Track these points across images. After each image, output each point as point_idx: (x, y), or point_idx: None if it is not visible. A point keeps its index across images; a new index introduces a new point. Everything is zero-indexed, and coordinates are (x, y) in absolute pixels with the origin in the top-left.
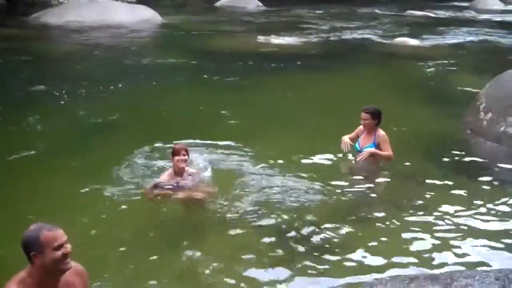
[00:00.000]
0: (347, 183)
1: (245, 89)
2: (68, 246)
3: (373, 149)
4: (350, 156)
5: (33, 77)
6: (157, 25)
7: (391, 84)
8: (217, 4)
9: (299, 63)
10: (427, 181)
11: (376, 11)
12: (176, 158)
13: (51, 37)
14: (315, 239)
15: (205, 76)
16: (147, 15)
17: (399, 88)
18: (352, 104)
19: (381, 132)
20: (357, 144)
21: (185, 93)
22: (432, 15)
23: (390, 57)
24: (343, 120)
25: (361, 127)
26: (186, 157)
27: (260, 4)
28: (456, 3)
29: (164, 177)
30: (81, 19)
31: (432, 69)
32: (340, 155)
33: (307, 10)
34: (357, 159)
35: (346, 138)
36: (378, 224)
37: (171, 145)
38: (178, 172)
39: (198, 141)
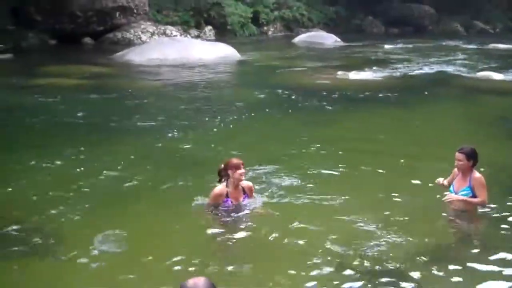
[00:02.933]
0: (436, 224)
1: (323, 124)
2: None
3: (460, 197)
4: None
5: (122, 112)
6: (236, 62)
7: (475, 119)
8: (295, 40)
9: (379, 98)
10: None
11: (458, 44)
12: (239, 172)
13: (136, 74)
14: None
15: (284, 111)
16: (226, 52)
17: (483, 124)
18: (436, 140)
19: (476, 174)
20: (451, 187)
21: (264, 128)
22: None
23: (473, 91)
24: (428, 157)
25: (455, 169)
26: (244, 170)
27: (338, 39)
28: None
29: (214, 195)
30: (163, 57)
31: None
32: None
33: (386, 44)
34: (444, 200)
35: (439, 179)
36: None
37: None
38: (234, 187)
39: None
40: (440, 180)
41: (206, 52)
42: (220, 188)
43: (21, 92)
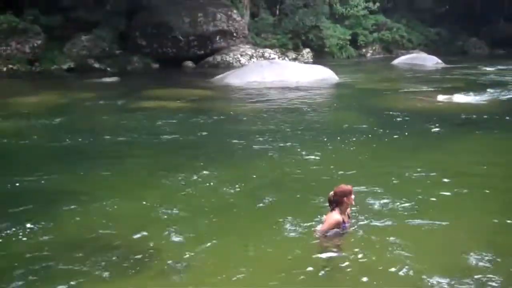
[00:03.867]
0: None
1: (427, 149)
2: None
3: None
4: None
5: (224, 134)
6: (334, 84)
7: None
8: (394, 62)
9: (483, 122)
10: None
11: None
12: (352, 197)
13: (236, 97)
14: None
15: (387, 135)
16: (324, 75)
17: None
18: None
19: None
20: None
21: (367, 152)
22: None
23: None
24: None
25: None
26: None
27: (439, 61)
28: None
29: (334, 223)
30: (262, 80)
31: None
32: None
33: (490, 66)
34: None
35: None
36: None
37: None
38: (345, 211)
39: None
40: None
41: (304, 74)
42: (337, 216)
43: (123, 114)
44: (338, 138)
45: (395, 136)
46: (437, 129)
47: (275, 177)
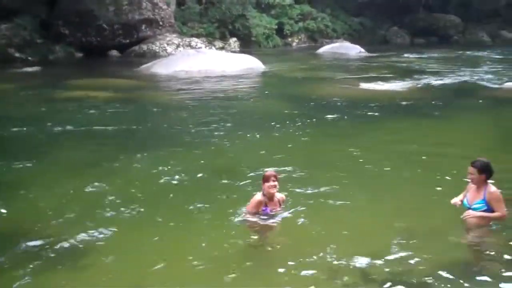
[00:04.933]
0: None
1: (348, 135)
2: None
3: (479, 213)
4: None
5: (149, 124)
6: (261, 73)
7: (500, 132)
8: (319, 51)
9: (402, 109)
10: None
11: (484, 55)
12: (267, 184)
13: (162, 86)
14: None
15: (309, 122)
16: (250, 64)
17: (509, 137)
18: (460, 152)
19: (492, 188)
20: (465, 200)
21: (290, 139)
22: None
23: (499, 103)
24: (449, 170)
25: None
26: (276, 183)
27: (362, 50)
28: None
29: (254, 202)
30: (189, 69)
31: None
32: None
33: (410, 54)
34: (461, 217)
35: (455, 199)
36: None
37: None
38: (269, 198)
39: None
40: (457, 202)
41: (230, 63)
42: (259, 197)
43: (48, 105)
44: (266, 125)
45: (321, 123)
46: (357, 116)
47: (205, 165)
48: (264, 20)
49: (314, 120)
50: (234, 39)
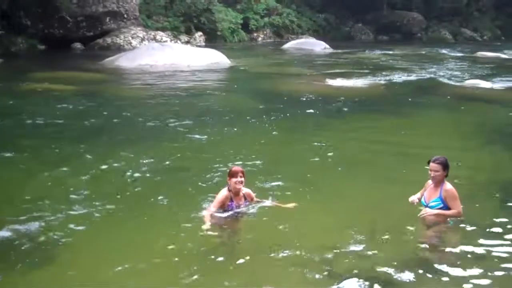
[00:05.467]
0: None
1: (312, 131)
2: None
3: (436, 211)
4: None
5: (111, 120)
6: (226, 68)
7: (462, 128)
8: (284, 46)
9: (364, 106)
10: (502, 230)
11: (446, 52)
12: (234, 180)
13: (126, 80)
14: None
15: (274, 118)
16: (216, 59)
17: (470, 132)
18: (421, 151)
19: (448, 186)
20: (423, 198)
21: (255, 135)
22: (505, 56)
23: (461, 100)
24: (410, 167)
25: (429, 180)
26: (243, 179)
27: (327, 46)
28: None
29: (220, 198)
30: (153, 63)
31: (505, 112)
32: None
33: (374, 51)
34: (418, 215)
35: (412, 197)
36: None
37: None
38: (235, 193)
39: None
40: (415, 200)
41: (196, 58)
42: (225, 193)
43: (12, 98)
44: (233, 120)
45: (287, 118)
46: (320, 111)
47: (172, 160)
48: (229, 15)
49: (281, 115)
50: (200, 33)
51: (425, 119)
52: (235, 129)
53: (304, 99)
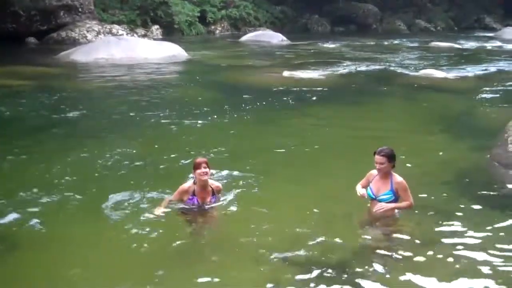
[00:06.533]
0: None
1: (270, 122)
2: None
3: (392, 204)
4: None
5: (65, 115)
6: (183, 61)
7: (416, 116)
8: (242, 39)
9: (322, 97)
10: (453, 216)
11: (401, 43)
12: (198, 171)
13: (81, 74)
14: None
15: (232, 111)
16: (173, 52)
17: (424, 121)
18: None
19: (398, 178)
20: (369, 191)
21: (212, 128)
22: (457, 46)
23: (415, 89)
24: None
25: (372, 171)
26: (207, 169)
27: (285, 38)
28: (481, 34)
29: (179, 190)
30: (109, 57)
31: (458, 101)
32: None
33: (330, 43)
34: (374, 211)
35: (361, 190)
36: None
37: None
38: (201, 186)
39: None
40: (364, 194)
41: (153, 51)
42: (188, 185)
43: None
44: (192, 113)
45: (245, 110)
46: (278, 103)
47: (133, 153)
48: (186, 8)
49: (240, 107)
50: (156, 26)
51: (382, 108)
52: (196, 121)
53: (263, 91)
